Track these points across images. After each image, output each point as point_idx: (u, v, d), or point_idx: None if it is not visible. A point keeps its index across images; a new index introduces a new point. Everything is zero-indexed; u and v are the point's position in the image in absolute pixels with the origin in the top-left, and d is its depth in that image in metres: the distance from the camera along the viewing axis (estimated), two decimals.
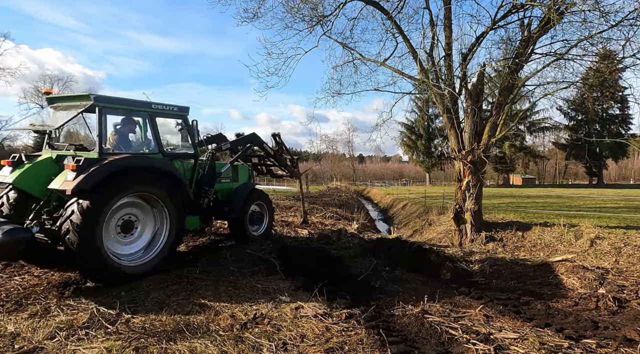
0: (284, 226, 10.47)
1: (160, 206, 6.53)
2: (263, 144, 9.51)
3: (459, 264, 7.53)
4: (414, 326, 4.58)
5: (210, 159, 8.04)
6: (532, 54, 12.24)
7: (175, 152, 7.51)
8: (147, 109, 6.78)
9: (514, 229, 11.96)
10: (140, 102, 6.79)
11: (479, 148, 11.82)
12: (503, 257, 7.75)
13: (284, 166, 10.21)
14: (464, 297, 5.77)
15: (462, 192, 12.10)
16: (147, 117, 6.83)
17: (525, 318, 4.90)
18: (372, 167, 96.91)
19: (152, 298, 5.28)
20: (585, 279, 6.14)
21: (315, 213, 13.51)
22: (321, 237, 9.25)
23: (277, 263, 6.89)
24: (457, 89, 12.73)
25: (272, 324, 4.58)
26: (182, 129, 7.46)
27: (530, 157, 65.11)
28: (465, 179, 12.02)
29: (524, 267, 7.18)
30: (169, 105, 7.40)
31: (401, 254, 7.93)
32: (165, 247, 6.51)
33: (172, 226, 6.60)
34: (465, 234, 12.14)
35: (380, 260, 7.69)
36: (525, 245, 11.34)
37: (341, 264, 7.38)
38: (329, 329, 4.46)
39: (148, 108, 6.80)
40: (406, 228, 17.62)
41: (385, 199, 33.93)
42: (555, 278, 6.46)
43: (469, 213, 11.96)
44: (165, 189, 6.47)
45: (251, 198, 8.68)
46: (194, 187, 7.70)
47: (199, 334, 4.23)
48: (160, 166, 6.46)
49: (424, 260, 7.76)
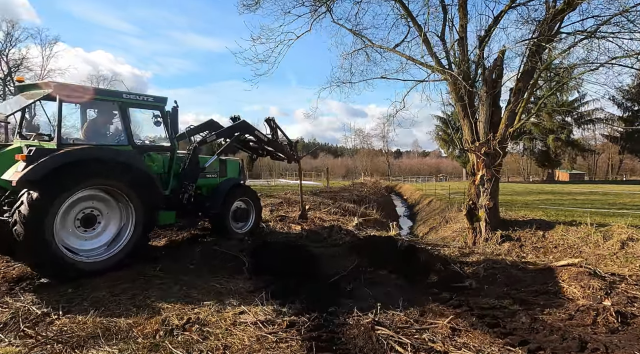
0: (279, 221, 10.02)
1: (125, 201, 6.24)
2: (255, 131, 9.05)
3: (452, 265, 6.75)
4: (361, 339, 3.97)
5: (192, 153, 7.70)
6: (557, 34, 11.04)
7: (148, 144, 7.22)
8: (117, 99, 6.50)
9: (534, 228, 10.86)
10: (109, 92, 6.53)
11: (495, 139, 10.81)
12: (503, 260, 6.89)
13: (279, 151, 9.73)
14: (440, 304, 5.07)
15: (476, 187, 11.15)
16: (117, 108, 6.54)
17: (500, 332, 4.16)
18: (409, 163, 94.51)
19: (94, 296, 4.97)
20: (590, 288, 5.22)
21: (321, 208, 12.97)
22: (311, 234, 8.72)
23: (248, 262, 6.44)
24: (472, 75, 11.75)
25: (203, 331, 4.12)
26: (159, 121, 7.14)
27: (577, 151, 60.98)
28: (479, 173, 11.06)
29: (524, 271, 6.30)
30: (143, 95, 7.12)
31: (389, 254, 7.25)
32: (130, 244, 6.22)
33: (137, 221, 6.30)
34: (480, 233, 11.19)
35: (366, 259, 7.06)
36: (546, 246, 10.27)
37: (319, 263, 6.82)
38: (262, 339, 3.95)
39: (117, 98, 6.52)
40: (425, 225, 16.70)
41: (414, 195, 32.75)
42: (555, 285, 5.58)
43: (483, 210, 10.99)
44: (128, 183, 6.16)
45: (234, 194, 8.28)
46: (172, 182, 7.39)
47: (115, 341, 3.85)
48: (123, 159, 6.15)
49: (413, 260, 7.05)
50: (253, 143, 9.38)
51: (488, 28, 11.55)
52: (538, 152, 64.10)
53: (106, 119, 6.78)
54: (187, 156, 7.63)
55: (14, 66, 61.83)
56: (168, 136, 7.23)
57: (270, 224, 9.81)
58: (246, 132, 8.94)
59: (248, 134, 9.02)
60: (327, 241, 8.24)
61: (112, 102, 6.47)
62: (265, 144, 9.43)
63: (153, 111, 7.16)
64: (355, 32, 13.16)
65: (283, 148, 9.84)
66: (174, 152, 7.23)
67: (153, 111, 7.14)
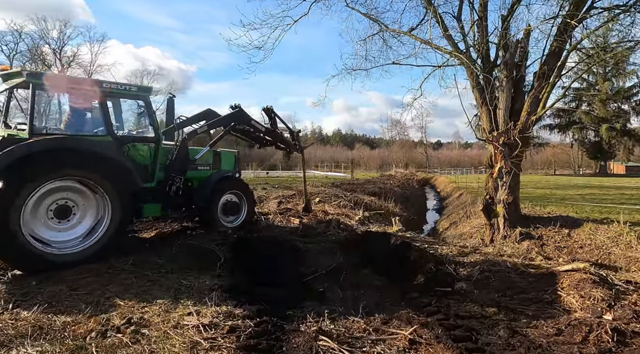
0: (279, 214, 9.70)
1: (101, 193, 6.12)
2: (251, 121, 8.73)
3: (446, 266, 6.14)
4: (301, 350, 3.56)
5: (181, 145, 7.50)
6: (591, 9, 9.92)
7: (130, 135, 7.08)
8: (95, 89, 6.37)
9: (558, 225, 9.91)
10: (88, 81, 6.42)
11: (515, 128, 9.91)
12: (504, 262, 6.18)
13: (279, 141, 9.38)
14: (413, 311, 4.54)
15: (494, 180, 10.30)
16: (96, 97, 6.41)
17: (467, 348, 3.60)
18: (448, 154, 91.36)
19: (51, 291, 4.85)
20: (591, 298, 4.48)
21: (333, 201, 12.51)
22: (307, 228, 8.33)
23: (225, 257, 6.16)
24: (492, 58, 10.83)
25: (138, 333, 3.86)
26: (143, 111, 6.99)
27: (635, 141, 56.34)
28: (497, 165, 10.21)
29: (523, 276, 5.59)
30: (125, 84, 6.96)
31: (379, 252, 6.73)
32: (105, 236, 6.11)
33: (114, 214, 6.18)
34: (497, 230, 10.37)
35: (353, 257, 6.59)
36: (570, 245, 9.35)
37: (300, 260, 6.44)
38: (195, 345, 3.63)
39: (97, 87, 6.39)
40: (448, 220, 15.84)
41: (447, 188, 31.44)
42: (553, 293, 4.86)
43: (501, 205, 10.16)
44: (103, 174, 6.04)
45: (223, 187, 8.02)
46: (158, 174, 7.24)
47: (42, 341, 3.66)
48: (98, 150, 6.02)
49: (404, 259, 6.50)
50: (253, 133, 9.08)
51: (511, 5, 10.58)
52: (589, 143, 59.93)
53: (87, 109, 6.68)
54: (175, 148, 7.45)
55: (67, 63, 65.70)
56: (152, 126, 7.06)
57: (270, 217, 9.52)
58: (242, 122, 8.63)
59: (245, 124, 8.71)
60: (321, 236, 7.82)
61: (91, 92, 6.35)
62: (264, 133, 9.11)
63: (137, 101, 7.01)
64: (369, 16, 12.54)
65: (283, 138, 9.48)
66: (158, 144, 7.05)
67: (137, 101, 6.98)
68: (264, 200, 12.87)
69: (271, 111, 9.15)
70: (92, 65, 66.57)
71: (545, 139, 58.41)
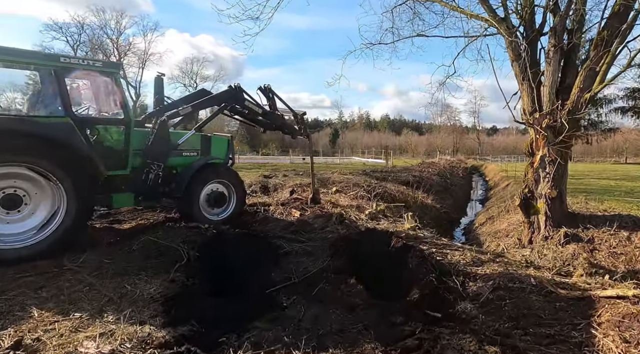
0: (280, 205, 8.74)
1: (54, 181, 5.48)
2: (245, 102, 7.77)
3: (453, 278, 4.90)
4: None
5: (159, 128, 6.74)
6: None
7: (93, 117, 6.39)
8: (52, 63, 5.70)
9: (616, 226, 8.16)
10: (42, 55, 5.77)
11: (563, 108, 8.21)
12: (528, 276, 4.81)
13: (279, 124, 8.38)
14: (382, 345, 3.45)
15: (534, 171, 8.70)
16: (51, 73, 5.74)
17: None
18: (504, 141, 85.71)
19: None
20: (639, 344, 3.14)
21: (350, 190, 11.36)
22: (301, 223, 7.31)
23: (187, 257, 5.33)
24: (538, 25, 9.09)
25: None
26: (111, 89, 6.27)
27: None
28: (538, 153, 8.59)
29: (548, 299, 4.23)
30: (88, 59, 6.25)
31: (374, 256, 5.60)
32: (60, 230, 5.49)
33: (69, 205, 5.53)
34: (537, 229, 8.79)
35: (341, 261, 5.52)
36: (629, 252, 7.65)
37: (276, 264, 5.46)
38: None
39: (53, 62, 5.72)
40: (487, 213, 14.14)
41: (497, 177, 29.00)
42: (585, 330, 3.52)
43: (542, 200, 8.56)
44: (54, 160, 5.37)
45: (206, 175, 7.18)
46: (133, 160, 6.54)
47: None
48: (46, 132, 5.33)
49: (401, 267, 5.34)
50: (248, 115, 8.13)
51: None
52: None
53: (47, 87, 6.04)
54: (152, 131, 6.70)
55: (123, 52, 68.81)
56: (123, 107, 6.33)
57: (271, 209, 8.60)
58: (234, 102, 7.70)
59: (238, 105, 7.78)
60: (315, 233, 6.78)
61: (47, 67, 5.67)
62: (261, 116, 8.14)
63: (105, 79, 6.29)
64: None
65: (284, 121, 8.46)
66: (129, 126, 6.31)
67: (104, 78, 6.26)
68: (278, 188, 12.00)
69: (269, 91, 8.14)
70: (145, 54, 69.39)
71: (616, 123, 52.72)
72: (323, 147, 63.90)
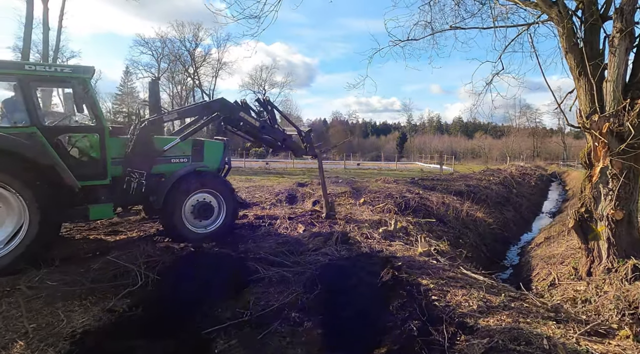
0: (287, 219, 8.00)
1: (13, 193, 5.25)
2: (239, 113, 7.16)
3: (441, 328, 3.79)
4: None
5: (139, 134, 6.39)
6: None
7: (63, 125, 6.15)
8: (16, 72, 5.54)
9: None
10: (4, 64, 5.64)
11: (633, 109, 6.53)
12: (541, 335, 3.57)
13: (280, 140, 7.64)
14: None
15: (593, 186, 7.05)
16: (16, 83, 5.58)
17: None
18: None
19: None
20: None
21: (379, 202, 10.25)
22: (294, 243, 6.48)
23: (141, 281, 4.82)
24: (600, 6, 7.44)
25: None
26: (81, 96, 5.92)
27: None
28: (598, 165, 6.95)
29: None
30: (55, 66, 6.05)
31: (357, 290, 4.63)
32: (23, 245, 5.27)
33: (32, 219, 5.31)
34: (598, 258, 7.11)
35: (316, 295, 4.65)
36: None
37: (236, 294, 4.73)
38: None
39: (17, 71, 5.55)
40: (549, 232, 12.13)
41: (578, 186, 25.57)
42: None
43: (604, 223, 6.90)
44: (12, 172, 5.15)
45: (189, 185, 6.66)
46: (114, 169, 6.24)
47: None
48: (5, 144, 5.11)
49: (383, 307, 4.32)
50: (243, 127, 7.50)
51: None
52: None
53: (15, 96, 5.90)
54: (131, 137, 6.35)
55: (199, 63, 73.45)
56: (95, 114, 6.04)
57: (277, 223, 7.91)
58: (228, 113, 7.13)
59: (231, 116, 7.19)
60: (304, 256, 5.91)
61: (12, 76, 5.52)
62: (259, 131, 7.48)
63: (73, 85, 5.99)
64: None
65: (286, 137, 7.70)
66: (103, 134, 6.00)
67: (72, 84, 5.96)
68: (306, 198, 11.27)
69: (268, 103, 7.45)
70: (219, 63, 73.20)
71: None
72: (387, 152, 61.93)
